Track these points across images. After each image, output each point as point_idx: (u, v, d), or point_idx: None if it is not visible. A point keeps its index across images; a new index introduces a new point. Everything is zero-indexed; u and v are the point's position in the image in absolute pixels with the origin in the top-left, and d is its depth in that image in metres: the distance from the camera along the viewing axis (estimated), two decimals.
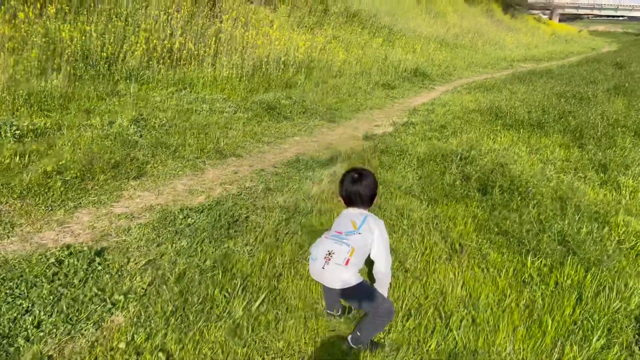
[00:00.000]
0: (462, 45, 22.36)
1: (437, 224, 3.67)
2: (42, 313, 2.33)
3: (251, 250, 3.09)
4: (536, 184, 4.37)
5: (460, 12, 29.44)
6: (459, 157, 5.13)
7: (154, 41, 8.50)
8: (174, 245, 3.11)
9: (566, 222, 3.60)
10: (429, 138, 6.15)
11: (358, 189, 2.44)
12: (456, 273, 2.99)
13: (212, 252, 3.03)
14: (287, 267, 2.90)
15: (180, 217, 3.50)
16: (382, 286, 2.36)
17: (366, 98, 9.25)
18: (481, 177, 4.54)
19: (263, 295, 2.58)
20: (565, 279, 2.94)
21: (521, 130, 6.54)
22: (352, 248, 2.24)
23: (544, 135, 6.38)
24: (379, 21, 18.23)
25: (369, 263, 2.41)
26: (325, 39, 12.90)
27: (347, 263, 2.21)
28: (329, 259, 2.24)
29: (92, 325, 2.30)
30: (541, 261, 3.11)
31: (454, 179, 4.60)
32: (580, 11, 78.11)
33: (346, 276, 2.20)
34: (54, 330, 2.25)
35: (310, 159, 5.15)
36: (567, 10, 74.12)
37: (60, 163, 4.17)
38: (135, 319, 2.35)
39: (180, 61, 8.83)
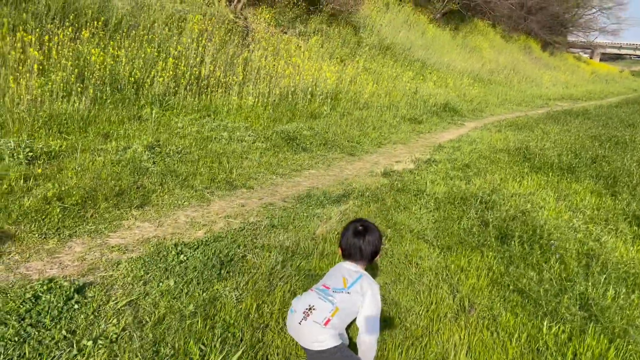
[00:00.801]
0: (497, 81, 22.04)
1: (447, 275, 3.40)
2: (2, 356, 2.17)
3: (240, 295, 2.88)
4: (560, 235, 4.05)
5: (497, 48, 29.16)
6: (479, 200, 4.84)
7: (183, 68, 8.57)
8: (160, 284, 2.93)
9: (590, 283, 3.28)
10: (450, 177, 5.88)
11: (360, 243, 2.24)
12: (462, 335, 2.70)
13: (199, 295, 2.84)
14: (275, 317, 2.67)
15: (173, 252, 3.34)
16: (365, 359, 2.12)
17: (391, 132, 9.05)
18: (501, 225, 4.24)
19: (241, 351, 2.35)
20: (585, 350, 2.61)
21: (550, 174, 6.20)
22: (336, 308, 2.02)
23: (575, 180, 6.02)
24: (412, 54, 18.15)
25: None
26: (355, 70, 12.84)
27: (326, 323, 1.98)
28: (308, 315, 2.03)
29: None
30: (559, 327, 2.79)
31: (472, 224, 4.32)
32: (622, 51, 76.59)
33: (322, 337, 1.98)
34: None
35: (322, 195, 4.95)
36: (609, 50, 72.73)
37: (63, 188, 4.09)
38: None
39: (207, 88, 8.86)
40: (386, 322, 2.70)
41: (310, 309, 2.05)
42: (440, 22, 24.77)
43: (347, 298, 2.07)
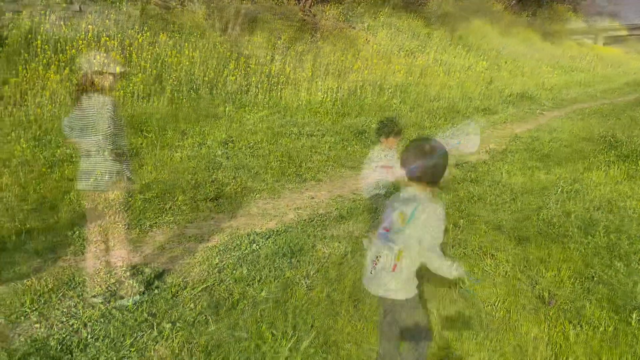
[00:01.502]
0: (579, 68, 20.76)
1: (525, 266, 3.24)
2: (89, 336, 2.32)
3: (310, 283, 2.91)
4: None
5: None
6: (560, 190, 4.58)
7: (254, 66, 8.77)
8: (234, 272, 3.02)
9: None
10: (528, 168, 5.61)
11: (417, 159, 2.02)
12: (542, 328, 2.57)
13: (270, 283, 2.89)
14: (344, 305, 2.68)
15: (246, 242, 3.42)
16: (440, 271, 1.97)
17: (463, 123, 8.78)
18: (584, 215, 3.99)
19: (312, 336, 2.37)
20: None
21: (639, 162, 5.76)
22: (400, 251, 1.92)
23: None
24: (486, 44, 17.51)
25: None
26: (425, 62, 12.58)
27: (394, 269, 1.90)
28: (376, 263, 1.97)
29: (135, 353, 2.24)
30: None
31: (552, 215, 4.09)
32: None
33: (392, 286, 1.90)
34: (97, 355, 2.21)
35: (392, 186, 4.88)
36: None
37: (144, 182, 4.31)
38: (177, 351, 2.26)
39: (277, 85, 9.01)
40: (460, 314, 2.63)
41: (377, 257, 1.99)
42: (516, 9, 23.71)
43: (409, 234, 1.95)
